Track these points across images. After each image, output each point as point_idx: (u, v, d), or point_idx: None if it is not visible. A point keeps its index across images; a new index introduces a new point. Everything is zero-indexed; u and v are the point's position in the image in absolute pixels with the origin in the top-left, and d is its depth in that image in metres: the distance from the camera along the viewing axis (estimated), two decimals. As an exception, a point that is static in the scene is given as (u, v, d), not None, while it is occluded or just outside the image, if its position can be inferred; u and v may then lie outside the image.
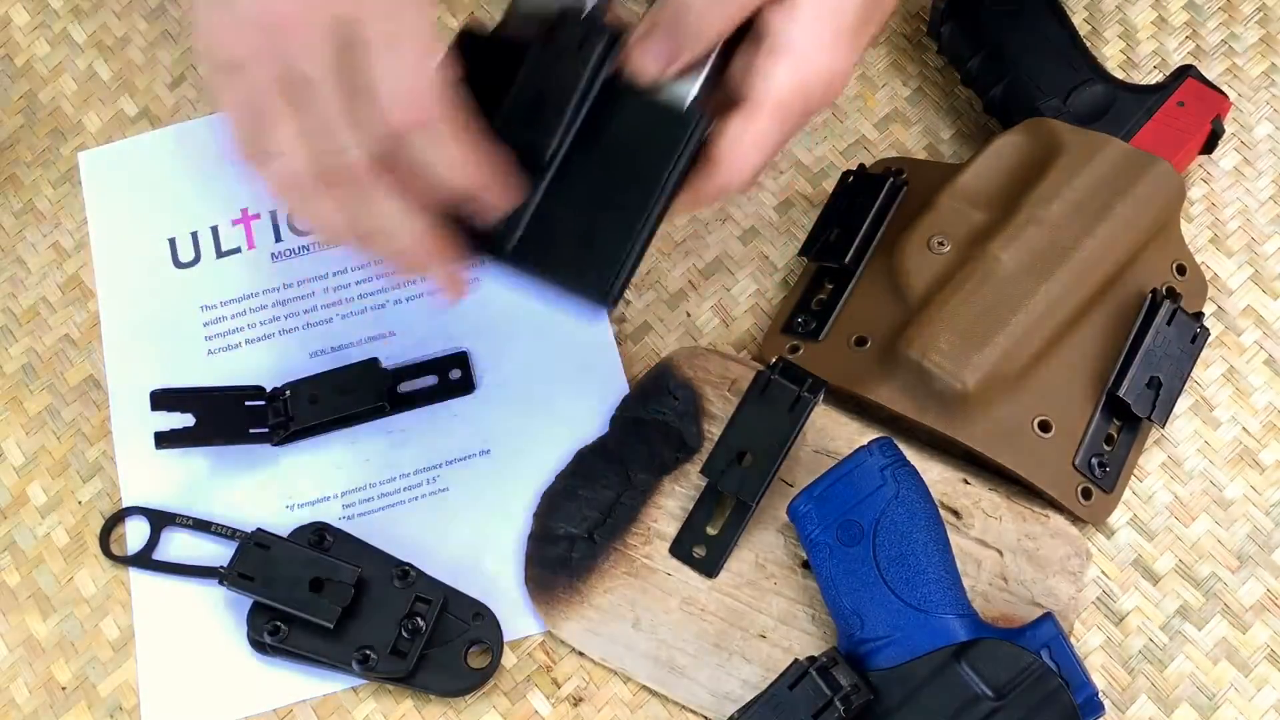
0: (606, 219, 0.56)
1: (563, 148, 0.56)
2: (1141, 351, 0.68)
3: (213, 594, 0.69)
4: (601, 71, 0.55)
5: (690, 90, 0.56)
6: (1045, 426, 0.68)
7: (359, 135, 0.51)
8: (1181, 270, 0.72)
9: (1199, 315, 0.71)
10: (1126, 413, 0.69)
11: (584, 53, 0.55)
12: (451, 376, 0.74)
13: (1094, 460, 0.68)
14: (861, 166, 0.76)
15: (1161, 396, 0.69)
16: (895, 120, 0.79)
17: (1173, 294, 0.70)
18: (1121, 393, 0.68)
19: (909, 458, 0.65)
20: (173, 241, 0.78)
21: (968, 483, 0.69)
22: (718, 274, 0.76)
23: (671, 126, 0.56)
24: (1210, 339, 0.72)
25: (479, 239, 0.56)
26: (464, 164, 0.53)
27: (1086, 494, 0.68)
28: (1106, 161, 0.71)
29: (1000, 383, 0.67)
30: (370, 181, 0.52)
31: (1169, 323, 0.69)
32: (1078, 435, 0.69)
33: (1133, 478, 0.70)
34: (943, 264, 0.70)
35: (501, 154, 0.54)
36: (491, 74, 0.55)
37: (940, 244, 0.71)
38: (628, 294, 0.75)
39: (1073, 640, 0.66)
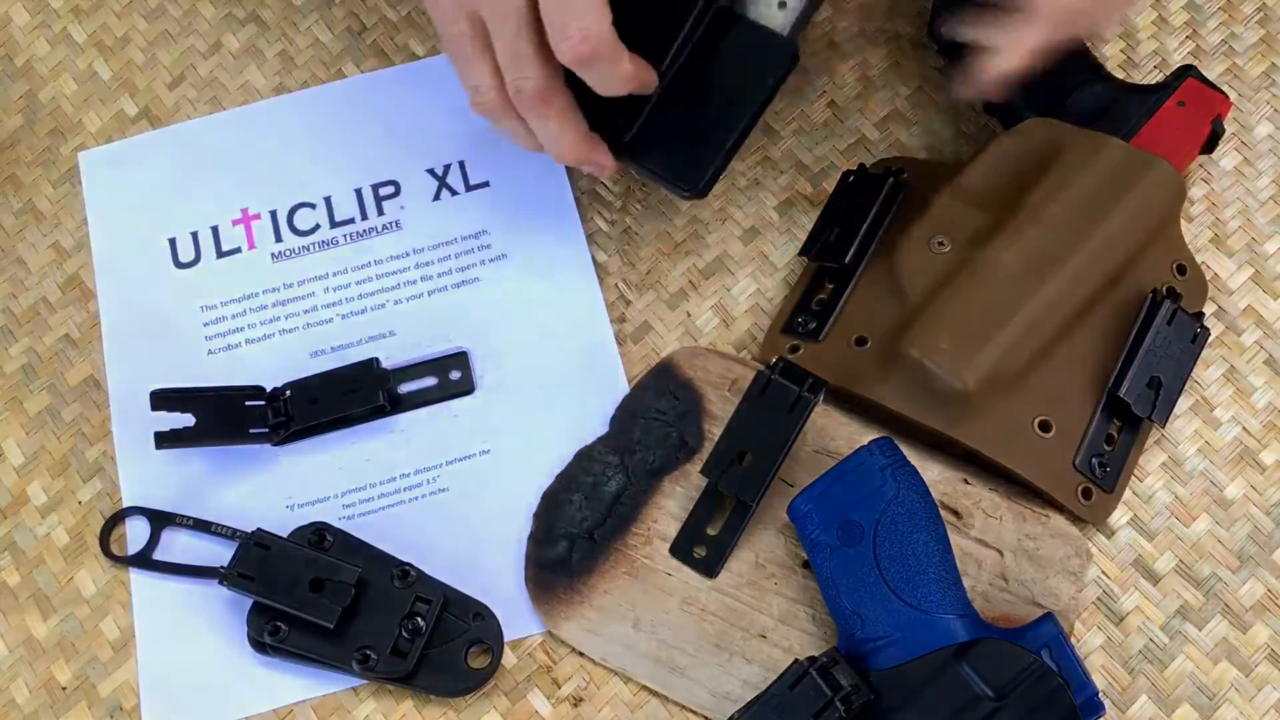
0: (705, 124, 0.69)
1: (677, 63, 0.68)
2: (1142, 351, 0.68)
3: (213, 594, 0.69)
4: (712, 3, 0.68)
5: (789, 20, 0.69)
6: (1046, 426, 0.68)
7: (541, 67, 0.65)
8: (1182, 270, 0.72)
9: (1199, 315, 0.71)
10: (1127, 413, 0.69)
11: None
12: (451, 376, 0.74)
13: (1094, 460, 0.68)
14: (861, 166, 0.76)
15: (1162, 396, 0.69)
16: (895, 120, 0.79)
17: (1173, 294, 0.70)
18: (1122, 393, 0.68)
19: (909, 458, 0.65)
20: (173, 241, 0.78)
21: (968, 483, 0.69)
22: (718, 274, 0.76)
23: (770, 49, 0.68)
24: (1210, 339, 0.72)
25: (604, 134, 0.69)
26: (622, 84, 0.66)
27: (1087, 494, 0.68)
28: (1107, 161, 0.71)
29: (1001, 382, 0.67)
30: (545, 103, 0.66)
31: (1169, 323, 0.69)
32: (1078, 435, 0.68)
33: (1133, 478, 0.70)
34: (943, 264, 0.70)
35: (643, 73, 0.67)
36: None
37: (940, 244, 0.71)
38: (628, 294, 0.76)
39: (1073, 640, 0.66)
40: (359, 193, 0.79)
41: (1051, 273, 0.68)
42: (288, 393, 0.72)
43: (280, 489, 0.72)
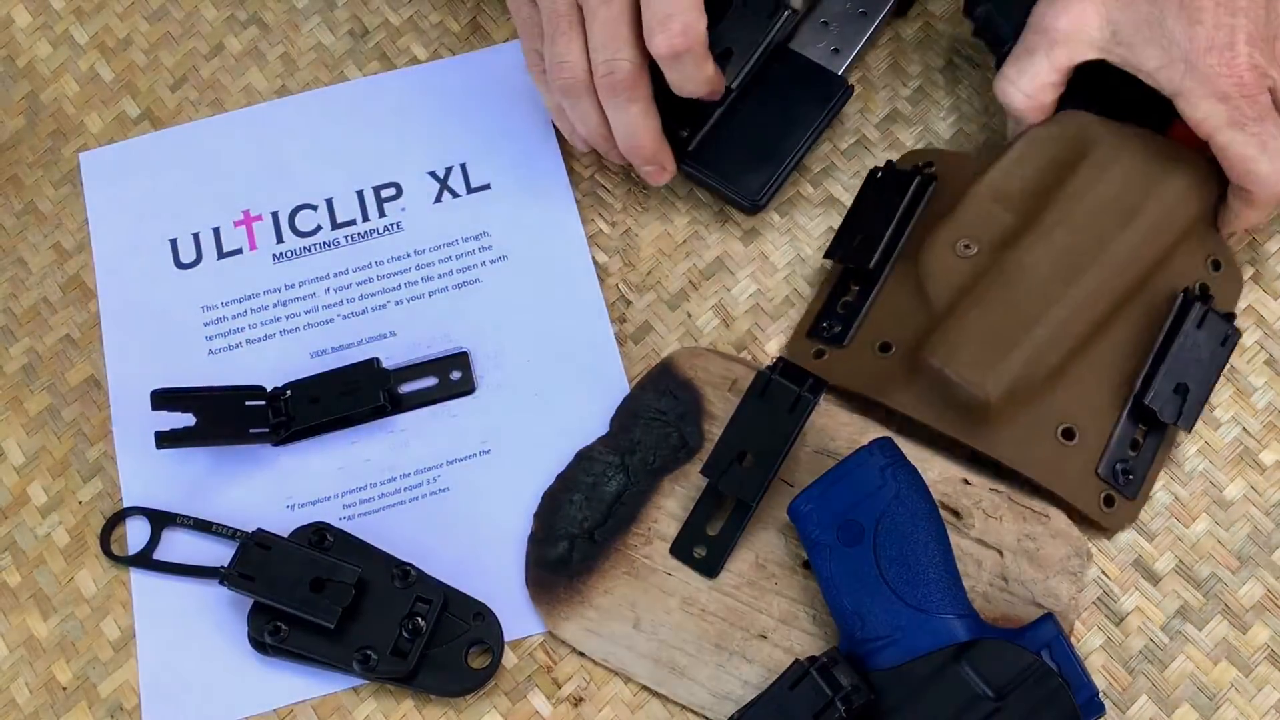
0: (765, 143, 0.74)
1: (740, 83, 0.73)
2: (1169, 356, 0.67)
3: (213, 594, 0.69)
4: (778, 36, 0.73)
5: (843, 63, 0.77)
6: (1069, 434, 0.67)
7: (633, 52, 0.67)
8: (1216, 265, 0.70)
9: (1230, 316, 0.69)
10: (1153, 419, 0.68)
11: (770, 21, 0.73)
12: (451, 376, 0.74)
13: (1118, 467, 0.67)
14: (890, 163, 0.75)
15: (1189, 401, 0.67)
16: (895, 120, 0.79)
17: (1204, 293, 0.69)
18: (1148, 400, 0.66)
19: (909, 458, 0.65)
20: (174, 242, 0.78)
21: (968, 483, 0.69)
22: (718, 274, 0.76)
23: (826, 85, 0.75)
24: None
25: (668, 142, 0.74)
26: (703, 85, 0.69)
27: (1109, 501, 0.67)
28: (1139, 155, 0.69)
29: (1024, 391, 0.66)
30: (633, 88, 0.68)
31: (1199, 326, 0.67)
32: (1102, 442, 0.67)
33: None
34: (969, 268, 0.69)
35: (718, 79, 0.71)
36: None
37: (966, 247, 0.69)
38: (628, 294, 0.76)
39: (1073, 640, 0.66)
40: (360, 194, 0.79)
41: (1079, 276, 0.67)
42: (288, 393, 0.72)
43: (280, 489, 0.72)
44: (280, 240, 0.78)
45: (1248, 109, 0.65)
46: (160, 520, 0.71)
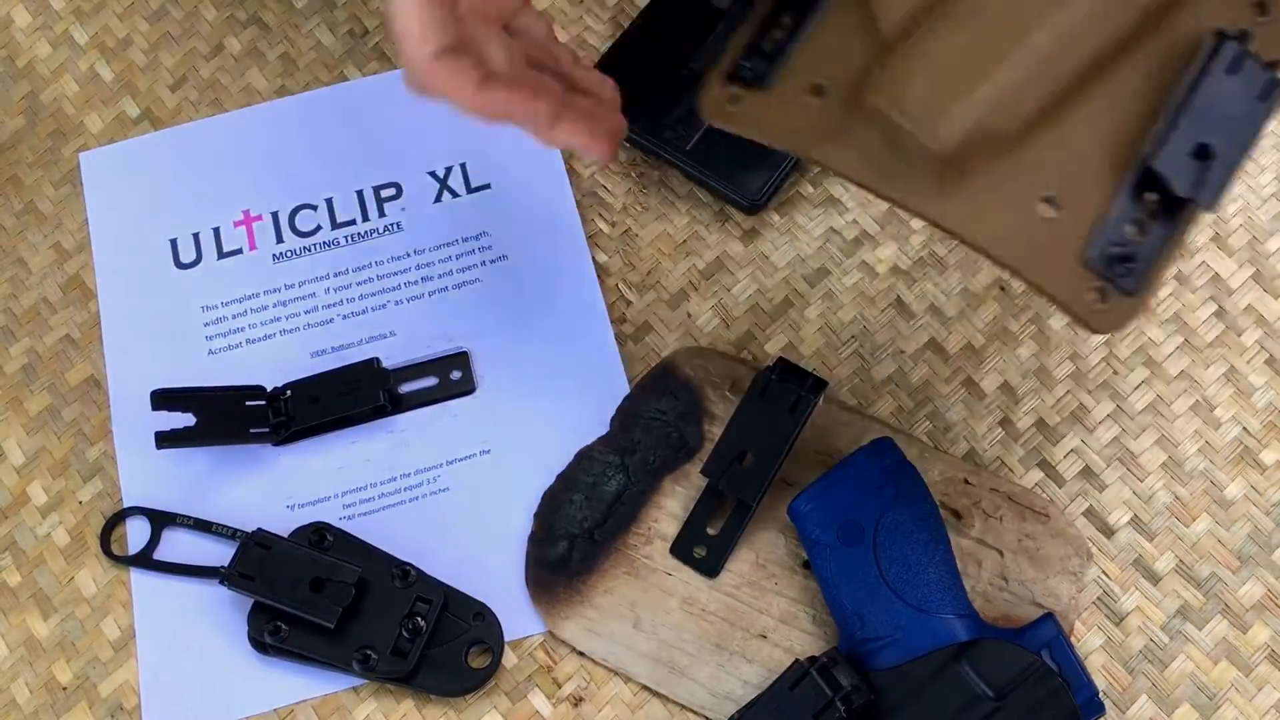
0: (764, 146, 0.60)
1: None
2: (1190, 109, 0.52)
3: (213, 594, 0.69)
4: None
5: None
6: (1051, 204, 0.52)
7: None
8: (1263, 9, 0.55)
9: (1275, 65, 0.53)
10: (1164, 189, 0.53)
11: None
12: (451, 376, 0.74)
13: (1114, 251, 0.53)
14: None
15: (1214, 170, 0.52)
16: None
17: (1243, 37, 0.53)
18: (1157, 164, 0.52)
19: (909, 458, 0.65)
20: (174, 242, 0.78)
21: (968, 483, 0.69)
22: (718, 274, 0.76)
23: None
24: (1210, 339, 0.72)
25: (665, 140, 0.75)
26: None
27: (1103, 295, 0.53)
28: None
29: (992, 142, 0.52)
30: None
31: (1231, 71, 0.52)
32: (1094, 218, 0.53)
33: (1133, 477, 0.70)
34: None
35: None
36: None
37: None
38: (628, 294, 0.76)
39: (1073, 640, 0.66)
40: (360, 194, 0.79)
41: None
42: (288, 393, 0.72)
43: (280, 489, 0.72)
44: (280, 240, 0.78)
45: None
46: (160, 520, 0.71)
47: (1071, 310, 0.53)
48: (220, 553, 0.69)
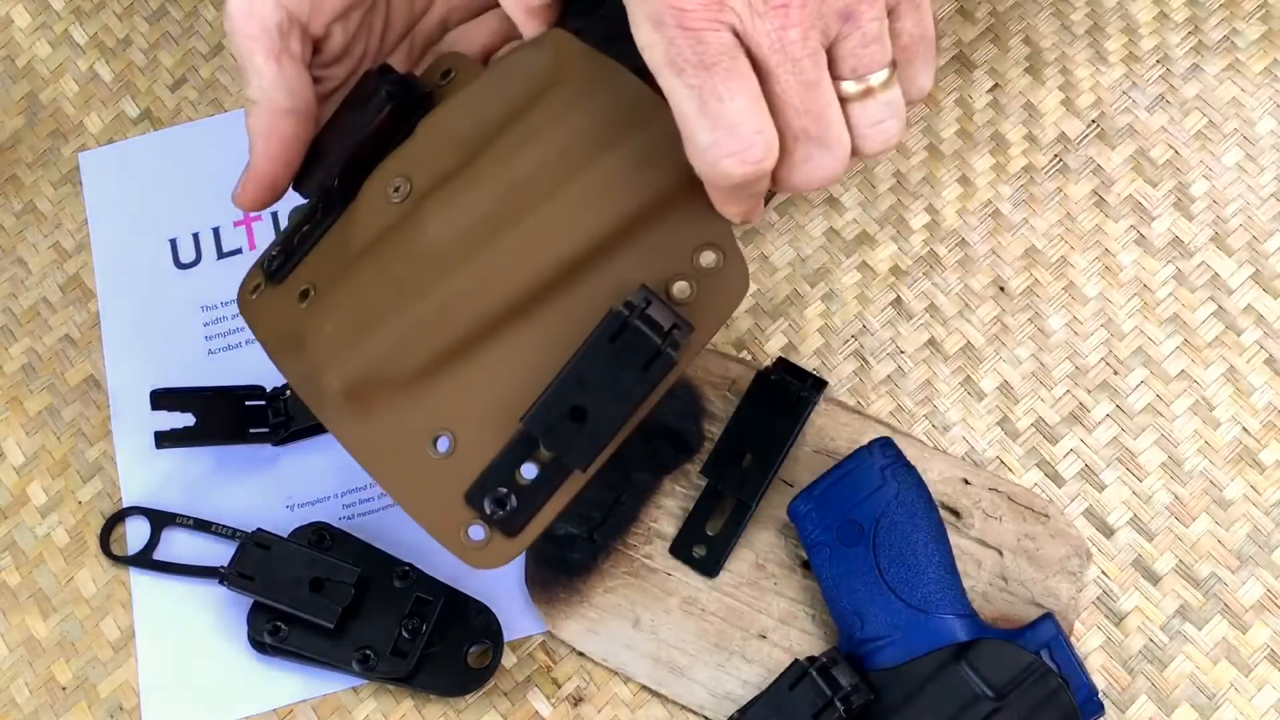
0: None
1: None
2: (576, 370, 0.53)
3: (213, 594, 0.69)
4: None
5: None
6: (444, 444, 0.55)
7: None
8: (714, 257, 0.55)
9: (678, 328, 0.53)
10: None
11: None
12: (452, 377, 0.74)
13: (498, 494, 0.55)
14: (385, 66, 0.59)
15: (587, 429, 0.54)
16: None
17: (651, 298, 0.53)
18: (524, 420, 0.54)
19: (909, 458, 0.65)
20: (174, 242, 0.78)
21: (968, 483, 0.69)
22: (718, 274, 0.76)
23: None
24: (1210, 338, 0.72)
25: None
26: None
27: (485, 534, 0.56)
28: (613, 98, 0.54)
29: (389, 385, 0.55)
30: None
31: (612, 339, 0.53)
32: (484, 463, 0.55)
33: (1132, 477, 0.70)
34: (392, 217, 0.56)
35: None
36: None
37: (396, 190, 0.56)
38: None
39: (1073, 640, 0.66)
40: (360, 194, 0.79)
41: (488, 246, 0.54)
42: (288, 392, 0.72)
43: (280, 489, 0.72)
44: (280, 240, 0.78)
45: (687, 48, 0.48)
46: (160, 520, 0.71)
47: (446, 545, 0.56)
48: (220, 553, 0.69)
